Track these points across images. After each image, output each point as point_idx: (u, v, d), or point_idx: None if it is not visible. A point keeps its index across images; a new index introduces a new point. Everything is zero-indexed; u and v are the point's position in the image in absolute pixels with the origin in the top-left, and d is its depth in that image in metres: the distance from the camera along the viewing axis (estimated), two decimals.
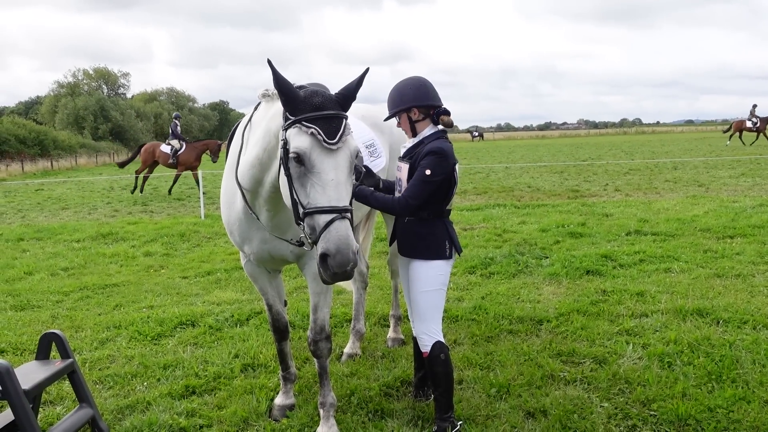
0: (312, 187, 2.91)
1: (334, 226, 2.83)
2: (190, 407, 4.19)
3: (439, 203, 3.57)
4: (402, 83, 3.70)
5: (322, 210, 2.86)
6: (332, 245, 2.80)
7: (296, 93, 2.98)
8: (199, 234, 11.48)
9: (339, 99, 3.04)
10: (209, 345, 5.43)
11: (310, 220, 2.90)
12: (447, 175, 3.50)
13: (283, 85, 2.96)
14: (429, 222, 3.58)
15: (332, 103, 3.00)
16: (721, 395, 3.98)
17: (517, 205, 13.55)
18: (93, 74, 77.12)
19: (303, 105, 2.95)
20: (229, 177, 3.75)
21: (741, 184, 15.93)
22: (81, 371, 3.90)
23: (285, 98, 2.97)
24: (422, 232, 3.58)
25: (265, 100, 3.45)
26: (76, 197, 19.71)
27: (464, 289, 6.90)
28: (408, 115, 3.65)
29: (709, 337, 4.97)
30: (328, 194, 2.88)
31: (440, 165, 3.46)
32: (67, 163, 43.44)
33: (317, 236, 2.86)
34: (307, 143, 2.89)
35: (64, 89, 71.76)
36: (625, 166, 23.28)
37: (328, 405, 3.88)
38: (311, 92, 2.99)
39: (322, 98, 2.97)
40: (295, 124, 2.94)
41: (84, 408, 3.76)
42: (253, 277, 4.07)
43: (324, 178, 2.89)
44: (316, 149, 2.90)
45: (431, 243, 3.57)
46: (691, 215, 10.88)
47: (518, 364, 4.68)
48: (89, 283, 7.93)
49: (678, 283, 6.61)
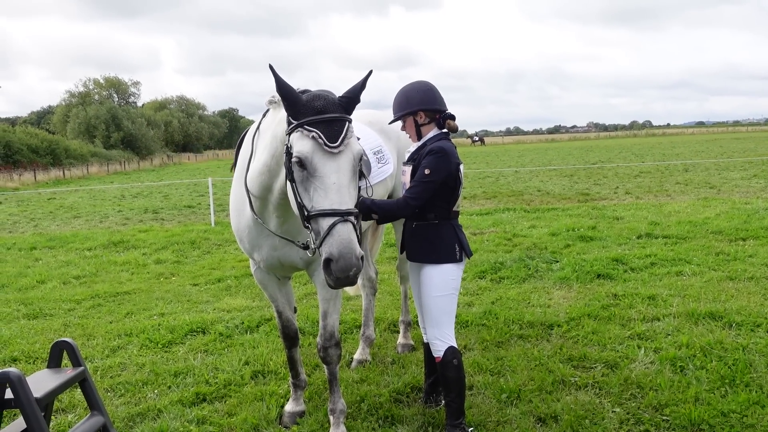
0: (315, 191, 2.90)
1: (337, 230, 2.81)
2: (200, 415, 4.20)
3: (445, 204, 3.56)
4: (409, 86, 3.70)
5: (324, 213, 2.85)
6: (335, 250, 2.78)
7: (298, 97, 2.98)
8: (209, 241, 11.53)
9: (342, 102, 3.03)
10: (219, 352, 5.45)
11: (314, 223, 2.90)
12: (448, 174, 3.48)
13: (284, 89, 2.96)
14: (437, 225, 3.57)
15: (335, 106, 2.99)
16: (735, 400, 3.94)
17: (526, 209, 13.51)
18: (104, 83, 77.86)
19: (305, 109, 2.95)
20: (239, 184, 3.75)
21: (753, 186, 15.80)
22: (92, 379, 3.91)
23: (287, 103, 2.98)
24: (431, 236, 3.57)
25: (272, 107, 3.45)
26: (88, 206, 19.86)
27: (474, 294, 6.88)
28: (414, 119, 3.65)
29: (722, 341, 4.92)
30: (330, 198, 2.86)
31: (440, 164, 3.45)
32: (79, 172, 43.81)
33: (320, 240, 2.85)
34: (308, 147, 2.89)
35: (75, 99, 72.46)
36: (635, 168, 23.16)
37: (338, 411, 3.88)
38: (313, 96, 3.00)
39: (323, 102, 2.97)
40: (297, 128, 2.94)
41: (95, 416, 3.77)
42: (262, 284, 4.07)
43: (326, 182, 2.88)
44: (317, 153, 2.89)
45: (440, 247, 3.56)
46: (703, 218, 10.80)
47: (529, 369, 4.65)
48: (101, 291, 7.98)
49: (690, 287, 6.56)
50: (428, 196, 3.46)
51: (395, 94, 3.72)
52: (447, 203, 3.57)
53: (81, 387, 3.84)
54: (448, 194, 3.55)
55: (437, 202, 3.53)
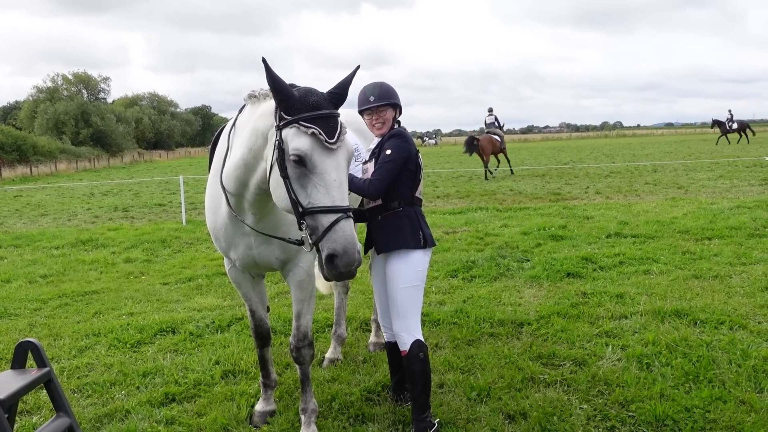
0: (314, 188, 2.89)
1: (340, 226, 2.84)
2: (169, 415, 4.16)
3: (407, 190, 3.66)
4: (383, 82, 3.78)
5: (326, 210, 2.86)
6: (339, 246, 2.82)
7: (291, 92, 2.95)
8: (180, 240, 11.39)
9: (332, 98, 3.04)
10: (190, 352, 5.40)
11: (311, 220, 2.89)
12: (410, 155, 3.61)
13: (277, 83, 2.93)
14: (401, 213, 3.65)
15: (327, 102, 2.99)
16: (698, 395, 4.03)
17: (499, 208, 13.61)
18: (73, 79, 76.31)
19: (299, 104, 2.92)
20: (214, 182, 3.70)
21: (719, 186, 16.15)
22: (58, 380, 3.84)
23: (280, 97, 2.94)
24: (397, 223, 3.64)
25: (251, 102, 3.41)
26: (56, 203, 19.48)
27: (446, 292, 6.92)
28: (396, 111, 3.76)
29: (687, 338, 5.03)
30: (332, 194, 2.88)
31: (402, 145, 3.59)
32: (47, 169, 42.87)
33: (320, 236, 2.85)
34: (308, 144, 2.87)
35: (43, 94, 70.93)
36: (606, 169, 23.48)
37: (309, 411, 3.87)
38: (306, 91, 2.98)
39: (317, 97, 2.96)
40: (292, 124, 2.91)
41: (61, 417, 3.70)
42: (236, 282, 4.04)
43: (326, 179, 2.88)
44: (317, 149, 2.88)
45: (406, 232, 3.63)
46: (671, 217, 11.01)
47: (499, 367, 4.70)
48: (68, 290, 7.84)
49: (657, 285, 6.69)
50: (392, 176, 3.55)
51: (366, 86, 3.77)
52: (409, 189, 3.67)
53: (46, 388, 3.77)
54: (410, 179, 3.66)
55: (400, 187, 3.62)
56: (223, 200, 3.59)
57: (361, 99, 3.75)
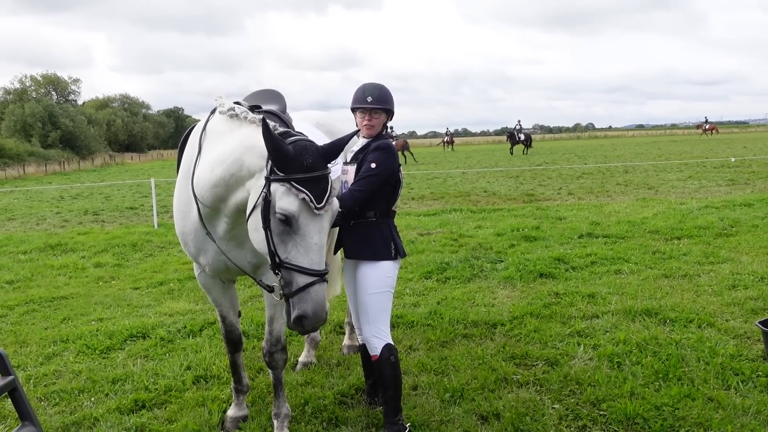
0: (294, 247, 2.91)
1: (314, 290, 2.89)
2: (139, 422, 4.09)
3: (385, 203, 3.65)
4: (382, 85, 3.75)
5: (302, 271, 2.89)
6: (310, 309, 2.88)
7: (287, 150, 2.91)
8: (151, 243, 11.24)
9: (325, 155, 3.05)
10: (160, 357, 5.31)
11: (287, 274, 2.92)
12: (393, 171, 3.60)
13: (275, 143, 2.88)
14: (374, 223, 3.63)
15: (321, 162, 3.00)
16: (668, 393, 4.09)
17: (473, 209, 13.69)
18: (42, 81, 74.86)
19: (294, 164, 2.91)
20: (184, 187, 3.62)
21: (688, 187, 16.45)
22: (23, 388, 3.75)
23: (275, 155, 2.90)
24: (368, 233, 3.62)
25: (228, 115, 3.33)
26: (24, 207, 19.08)
27: (420, 294, 6.92)
28: (388, 117, 3.76)
29: (657, 337, 5.10)
30: (311, 257, 2.91)
31: (387, 159, 3.56)
32: (15, 172, 41.98)
33: (293, 292, 2.90)
34: (295, 207, 2.88)
35: (11, 96, 69.44)
36: (578, 170, 23.76)
37: (282, 416, 3.84)
38: (301, 149, 2.95)
39: (312, 158, 2.95)
40: (284, 182, 2.90)
41: (26, 427, 3.61)
42: (206, 288, 3.99)
43: (308, 241, 2.91)
44: (304, 213, 2.90)
45: (376, 244, 3.62)
46: (641, 217, 11.17)
47: (472, 368, 4.71)
48: (35, 296, 7.67)
49: (628, 284, 6.77)
50: (374, 189, 3.53)
51: (367, 85, 3.72)
52: (387, 202, 3.66)
53: (11, 397, 3.69)
54: (389, 193, 3.65)
55: (378, 200, 3.60)
56: (193, 206, 3.51)
57: (358, 96, 3.68)
